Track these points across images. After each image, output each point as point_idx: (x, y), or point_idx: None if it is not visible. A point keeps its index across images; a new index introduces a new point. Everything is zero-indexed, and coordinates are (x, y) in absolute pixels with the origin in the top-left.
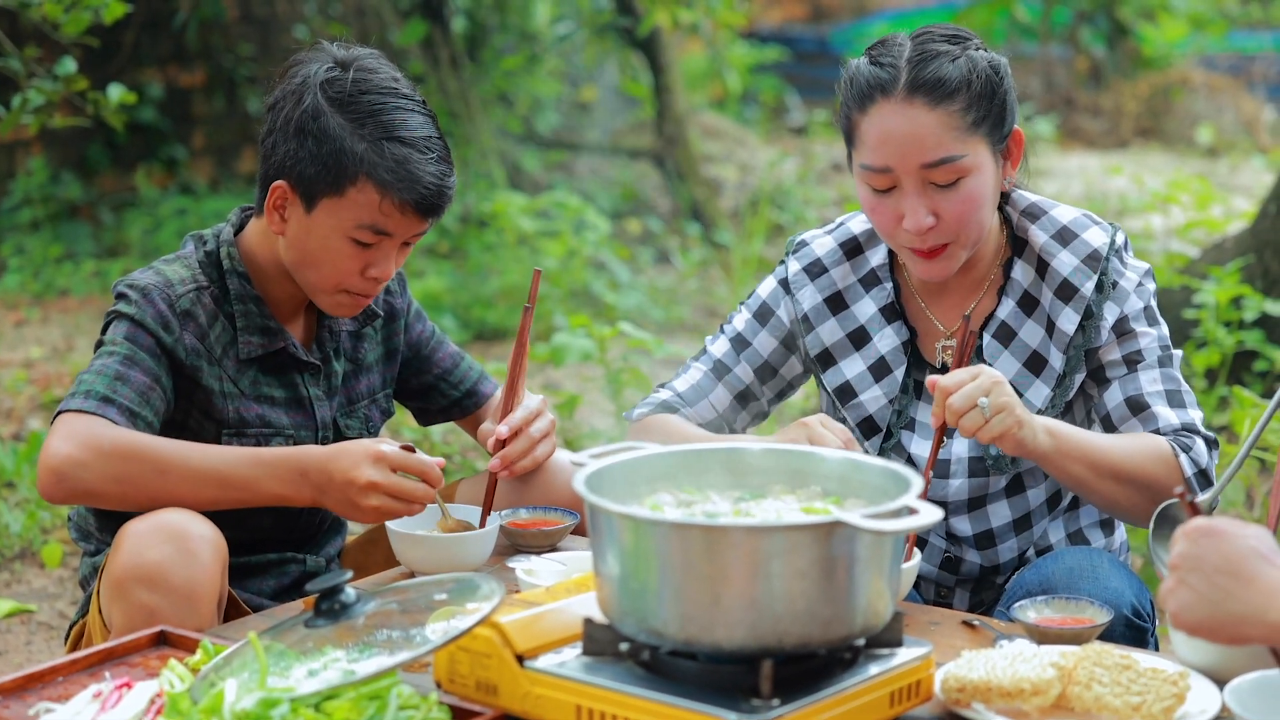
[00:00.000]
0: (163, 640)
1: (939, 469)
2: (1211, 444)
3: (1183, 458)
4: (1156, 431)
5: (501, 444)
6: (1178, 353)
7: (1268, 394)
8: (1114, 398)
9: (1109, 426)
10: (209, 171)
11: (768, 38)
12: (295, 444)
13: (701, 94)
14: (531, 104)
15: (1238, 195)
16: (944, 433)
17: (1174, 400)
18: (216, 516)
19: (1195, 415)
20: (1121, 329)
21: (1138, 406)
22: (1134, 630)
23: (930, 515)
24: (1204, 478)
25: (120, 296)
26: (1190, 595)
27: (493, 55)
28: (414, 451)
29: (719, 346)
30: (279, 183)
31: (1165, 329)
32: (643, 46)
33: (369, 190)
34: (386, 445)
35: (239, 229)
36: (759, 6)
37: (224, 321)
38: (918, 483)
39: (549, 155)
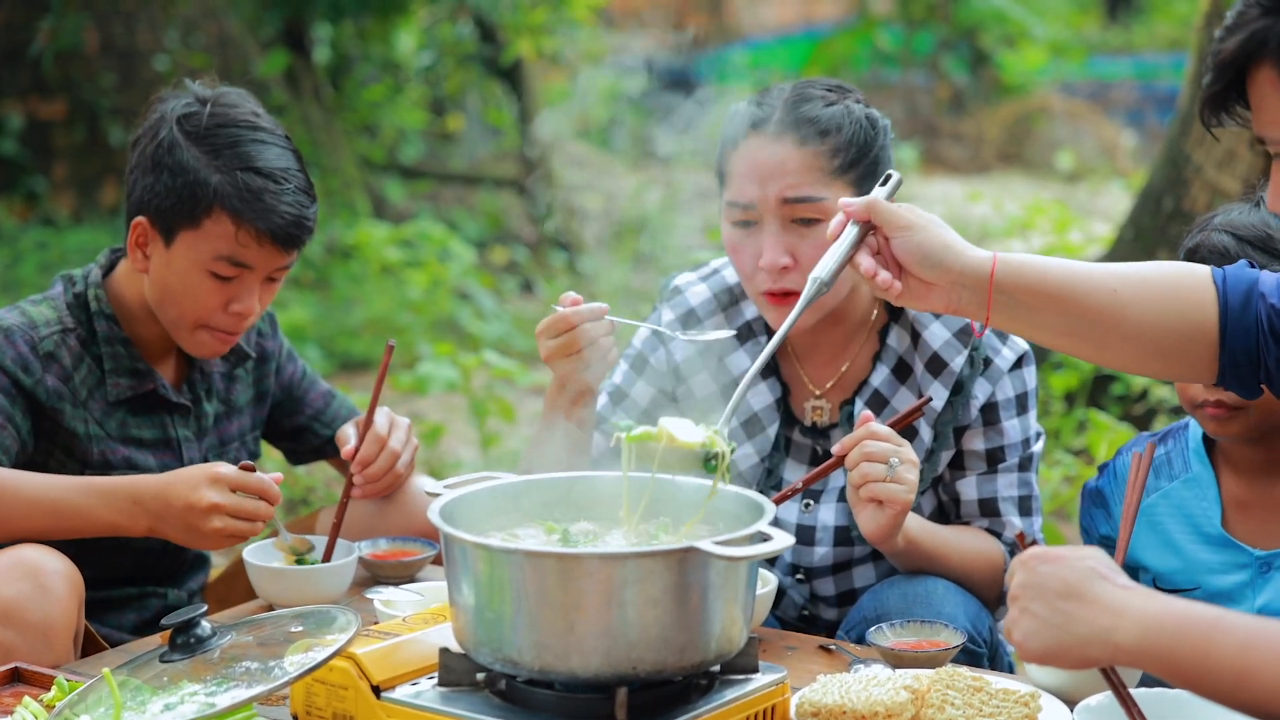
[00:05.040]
0: (17, 677)
1: (804, 535)
2: None
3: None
4: (1000, 536)
5: (362, 466)
6: (1038, 447)
7: (1124, 417)
8: (969, 492)
9: (955, 512)
10: (71, 203)
11: (632, 65)
12: None
13: (565, 122)
14: (395, 134)
15: (1097, 220)
16: (836, 465)
17: (1024, 508)
18: (76, 554)
19: (1039, 523)
20: (989, 417)
21: (990, 510)
22: (974, 652)
23: (781, 540)
24: None
25: None
26: (1033, 623)
27: (356, 85)
28: (253, 470)
29: (599, 401)
30: (139, 219)
31: (1033, 416)
32: (506, 75)
33: (224, 221)
34: (223, 467)
35: (108, 270)
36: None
37: (90, 363)
38: (770, 509)
39: (413, 185)
